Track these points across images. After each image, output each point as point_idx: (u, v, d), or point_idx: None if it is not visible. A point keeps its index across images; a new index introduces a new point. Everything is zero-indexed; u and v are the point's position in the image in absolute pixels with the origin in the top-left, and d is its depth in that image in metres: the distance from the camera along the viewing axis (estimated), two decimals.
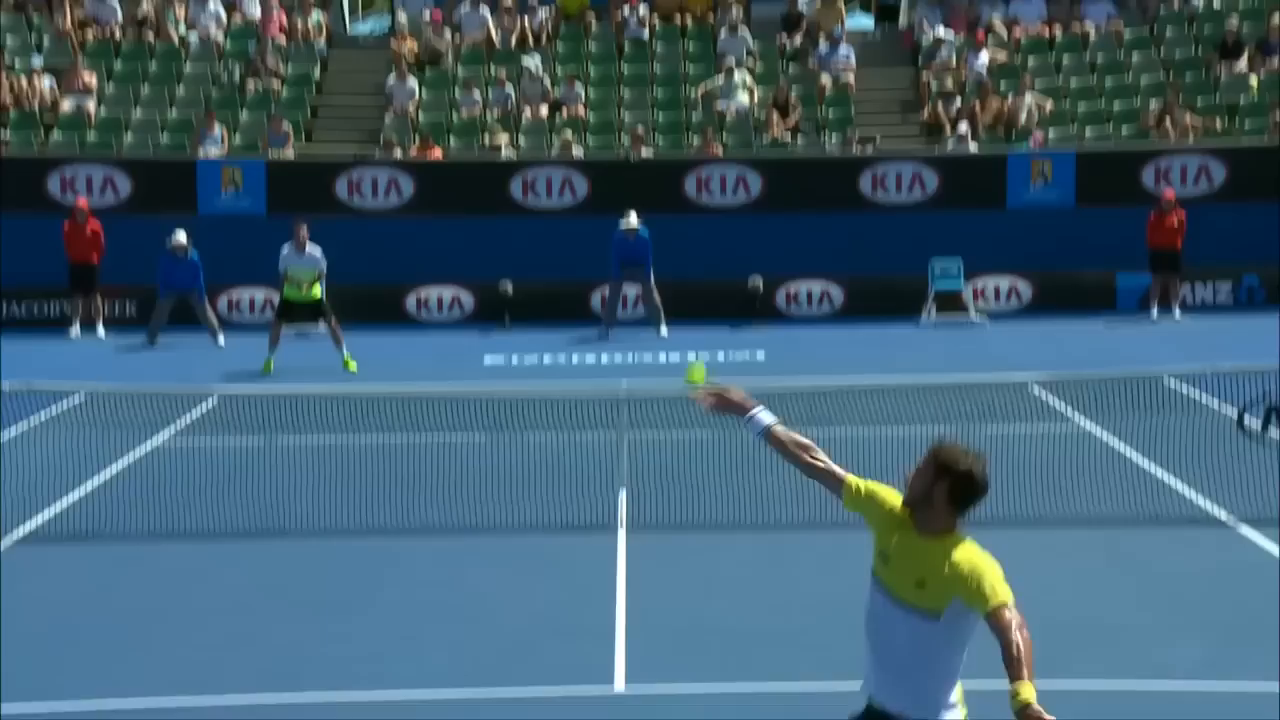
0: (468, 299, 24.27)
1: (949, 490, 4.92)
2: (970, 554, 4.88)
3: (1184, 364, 15.78)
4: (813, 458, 5.29)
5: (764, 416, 5.42)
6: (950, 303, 23.49)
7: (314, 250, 19.85)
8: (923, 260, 23.54)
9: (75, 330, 23.03)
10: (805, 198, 24.13)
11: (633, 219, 22.43)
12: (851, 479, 5.22)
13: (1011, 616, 4.72)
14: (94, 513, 11.90)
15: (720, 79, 26.70)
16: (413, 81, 26.95)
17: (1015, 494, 11.64)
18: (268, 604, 10.00)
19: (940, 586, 4.86)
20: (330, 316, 19.73)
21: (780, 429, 5.37)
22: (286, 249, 19.86)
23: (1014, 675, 4.62)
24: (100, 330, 23.07)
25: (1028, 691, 4.59)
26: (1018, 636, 4.68)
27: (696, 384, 5.53)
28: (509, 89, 26.83)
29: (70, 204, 23.44)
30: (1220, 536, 11.26)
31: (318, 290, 19.75)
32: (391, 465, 12.97)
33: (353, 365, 19.31)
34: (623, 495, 12.04)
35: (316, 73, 27.63)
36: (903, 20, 29.45)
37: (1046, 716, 4.53)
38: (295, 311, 19.91)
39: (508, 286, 23.78)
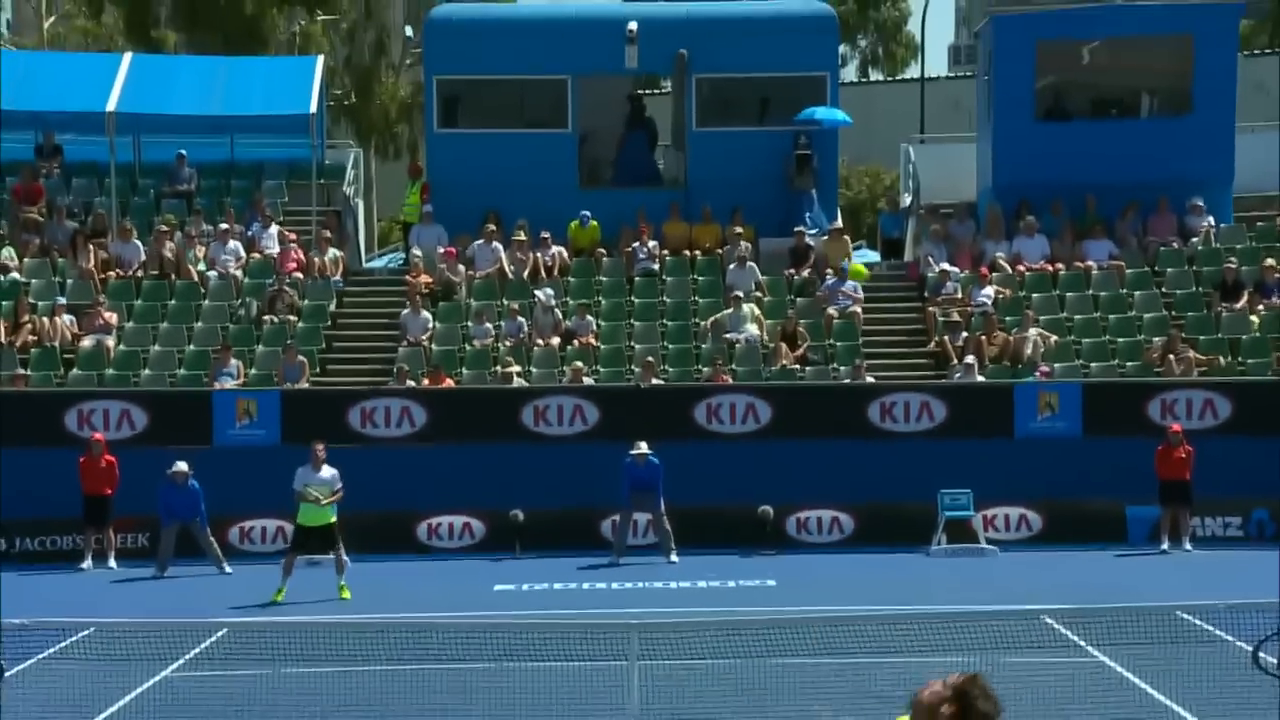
0: (479, 526, 24.22)
1: None
2: None
3: (1196, 597, 15.65)
4: None
5: None
6: (961, 531, 23.40)
7: (330, 470, 19.95)
8: (932, 488, 23.51)
9: (88, 563, 22.98)
10: (815, 425, 24.22)
11: (643, 447, 22.55)
12: None
13: None
14: None
15: (729, 311, 27.05)
16: (426, 314, 27.35)
17: None
18: None
19: None
20: (339, 544, 19.72)
21: None
22: (302, 469, 19.95)
23: None
24: (112, 562, 23.01)
25: None
26: None
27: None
28: (521, 320, 27.21)
29: (87, 438, 23.60)
30: None
31: (331, 512, 19.76)
32: (401, 695, 12.79)
33: (346, 593, 19.21)
34: None
35: (332, 305, 28.07)
36: (908, 254, 29.97)
37: None
38: (310, 540, 19.87)
39: (519, 514, 23.76)
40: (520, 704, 12.73)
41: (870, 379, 25.25)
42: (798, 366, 26.14)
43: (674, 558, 22.55)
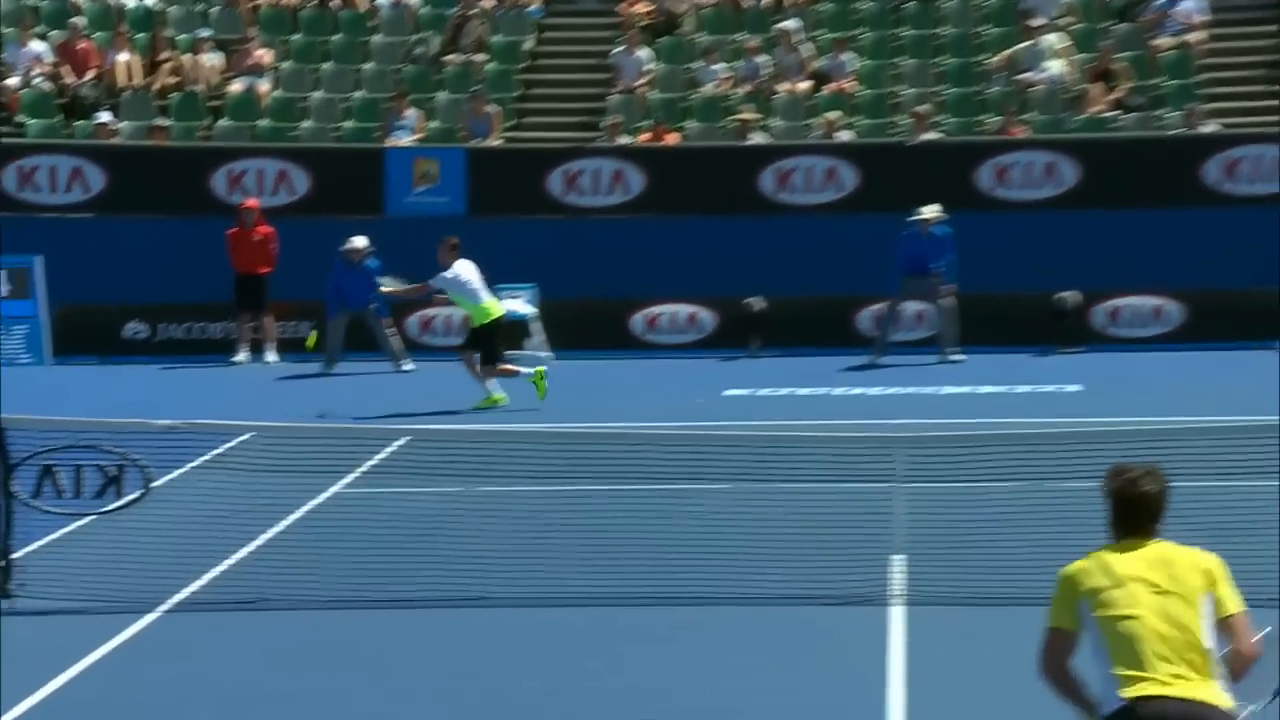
0: (707, 317, 24.42)
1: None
2: None
3: None
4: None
5: None
6: None
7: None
8: None
9: (242, 355, 23.85)
10: (1134, 190, 23.71)
11: (931, 210, 22.28)
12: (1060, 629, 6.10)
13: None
14: (260, 575, 12.28)
15: (1026, 43, 26.42)
16: (644, 52, 27.27)
17: None
18: (465, 686, 10.19)
19: None
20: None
21: None
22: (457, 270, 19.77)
23: None
24: (271, 355, 23.83)
25: None
26: None
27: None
28: (761, 60, 26.96)
29: (238, 204, 24.30)
30: None
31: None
32: (612, 520, 13.10)
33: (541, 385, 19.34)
34: (897, 562, 11.97)
35: (529, 42, 28.17)
36: None
37: None
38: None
39: (757, 302, 23.86)
40: (759, 534, 12.94)
41: (1210, 128, 24.52)
42: (1114, 113, 25.49)
43: (956, 356, 22.47)
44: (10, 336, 24.33)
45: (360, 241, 22.71)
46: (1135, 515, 6.02)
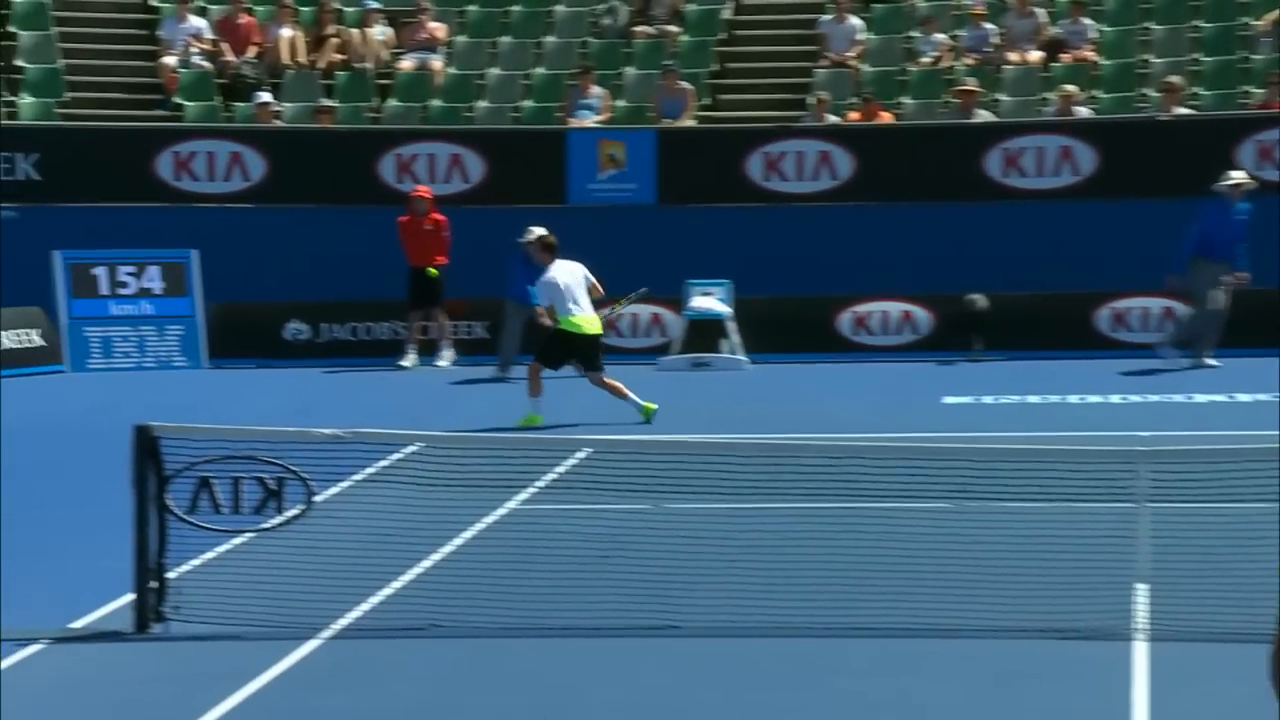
0: (923, 317, 24.28)
1: None
2: None
3: None
4: None
5: None
6: None
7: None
8: None
9: (410, 358, 24.13)
10: None
11: (1242, 176, 21.89)
12: None
13: None
14: (430, 600, 12.40)
15: None
16: (855, 20, 27.19)
17: None
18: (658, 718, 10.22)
19: None
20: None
21: None
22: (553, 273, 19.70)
23: None
24: (445, 357, 24.07)
25: None
26: None
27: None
28: (989, 27, 26.74)
29: (408, 193, 24.62)
30: None
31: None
32: (813, 541, 13.05)
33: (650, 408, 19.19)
34: (1141, 591, 11.79)
35: (727, 11, 28.21)
36: None
37: None
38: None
39: (979, 300, 23.66)
40: (979, 558, 12.81)
41: None
42: None
43: (1211, 360, 22.14)
44: (165, 337, 24.87)
45: (540, 231, 22.86)
46: None
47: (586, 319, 19.47)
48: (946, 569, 12.57)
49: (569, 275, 19.50)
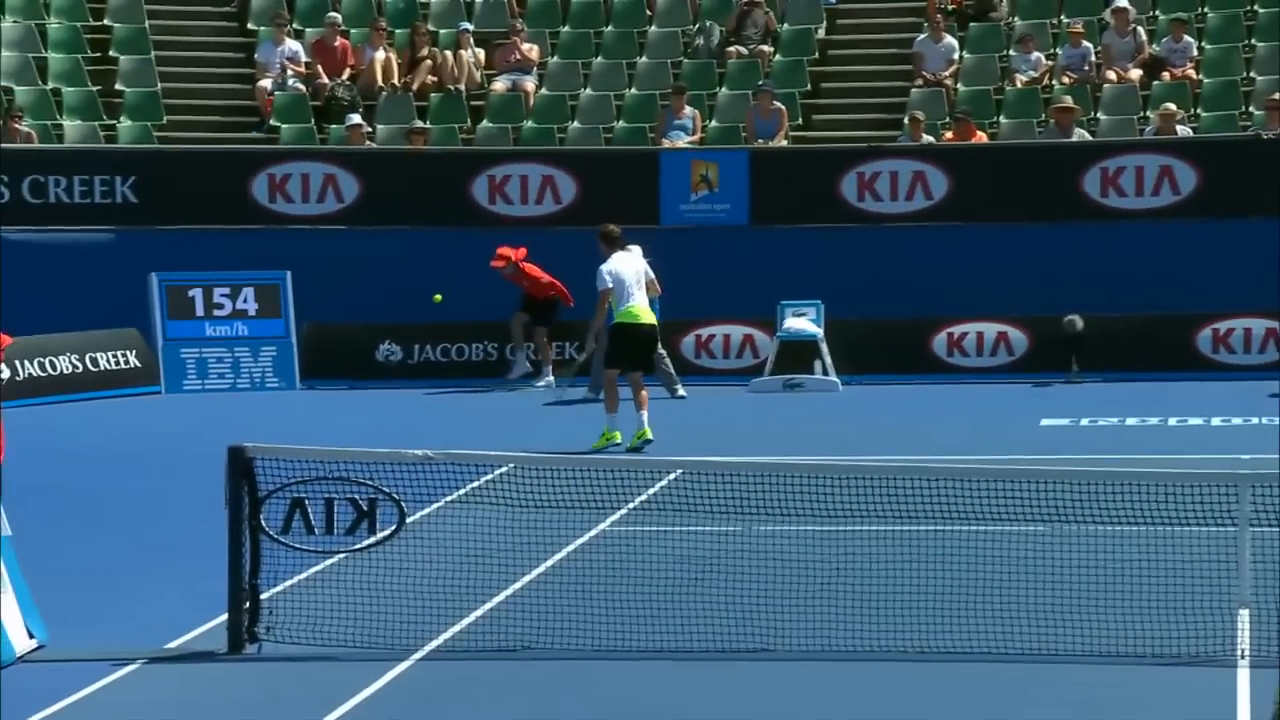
0: (1019, 338, 24.16)
1: None
2: None
3: None
4: None
5: None
6: None
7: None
8: None
9: (547, 379, 23.94)
10: None
11: None
12: None
13: None
14: (522, 621, 12.44)
15: None
16: (950, 40, 27.11)
17: None
18: None
19: None
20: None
21: None
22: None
23: None
24: (547, 378, 24.13)
25: None
26: None
27: None
28: (1087, 45, 26.60)
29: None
30: None
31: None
32: (908, 565, 13.01)
33: (647, 433, 19.13)
34: (1244, 617, 11.69)
35: (821, 30, 28.19)
36: None
37: None
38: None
39: (1077, 321, 23.52)
40: (1076, 582, 12.74)
41: None
42: None
43: None
44: (259, 359, 25.08)
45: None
46: None
47: (643, 309, 19.43)
48: (1044, 593, 12.51)
49: (629, 267, 19.47)
